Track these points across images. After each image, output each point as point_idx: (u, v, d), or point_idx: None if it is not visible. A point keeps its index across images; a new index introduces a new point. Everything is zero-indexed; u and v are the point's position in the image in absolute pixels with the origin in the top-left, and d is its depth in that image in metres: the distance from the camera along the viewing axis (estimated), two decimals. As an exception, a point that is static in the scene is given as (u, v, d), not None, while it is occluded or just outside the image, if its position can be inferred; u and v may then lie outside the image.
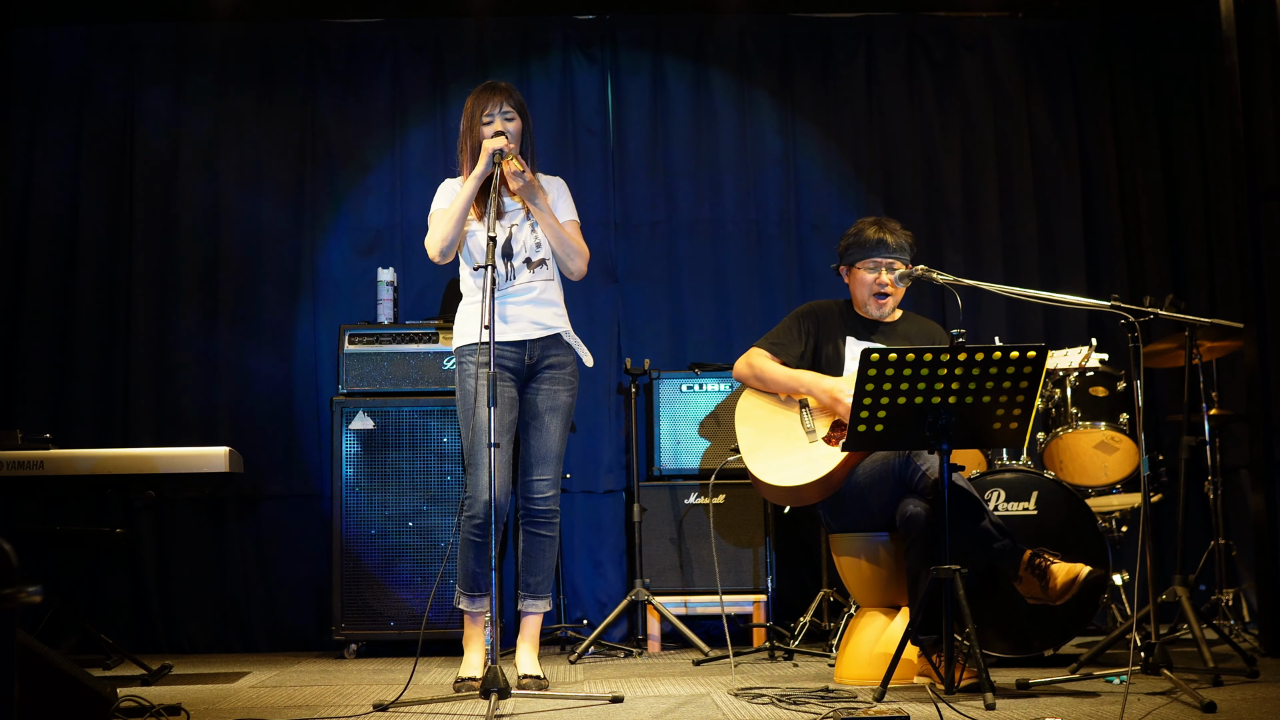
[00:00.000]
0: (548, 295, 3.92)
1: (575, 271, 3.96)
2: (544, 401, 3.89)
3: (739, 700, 3.49)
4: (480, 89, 3.93)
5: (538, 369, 3.90)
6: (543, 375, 3.91)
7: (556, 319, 3.93)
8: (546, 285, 3.92)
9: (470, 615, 3.89)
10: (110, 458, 4.10)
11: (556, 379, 3.91)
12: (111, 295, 5.59)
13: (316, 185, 5.73)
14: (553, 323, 3.92)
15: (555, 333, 3.92)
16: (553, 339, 3.92)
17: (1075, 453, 4.81)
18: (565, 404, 3.92)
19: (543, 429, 3.88)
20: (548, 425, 3.88)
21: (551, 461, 3.89)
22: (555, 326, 3.92)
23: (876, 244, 4.09)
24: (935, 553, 3.54)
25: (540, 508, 3.88)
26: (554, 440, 3.89)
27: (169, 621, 5.44)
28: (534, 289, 3.89)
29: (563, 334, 3.94)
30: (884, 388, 3.40)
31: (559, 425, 3.90)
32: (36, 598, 2.03)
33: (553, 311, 3.93)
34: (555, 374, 3.91)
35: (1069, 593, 3.63)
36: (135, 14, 5.72)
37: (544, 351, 3.90)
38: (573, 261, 3.93)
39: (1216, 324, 4.15)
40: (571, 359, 3.96)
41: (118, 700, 2.89)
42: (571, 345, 3.96)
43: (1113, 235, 5.88)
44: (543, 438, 3.88)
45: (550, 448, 3.88)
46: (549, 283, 3.93)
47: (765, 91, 5.88)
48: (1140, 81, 5.95)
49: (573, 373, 3.96)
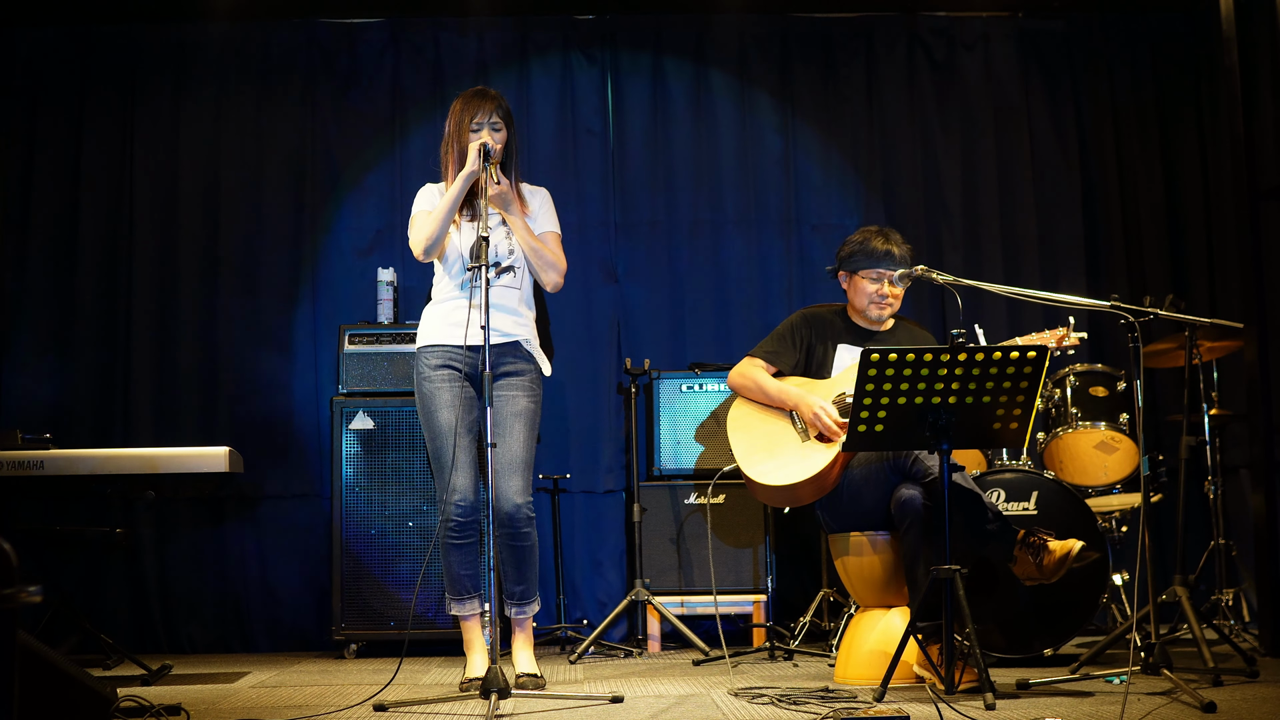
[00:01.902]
0: (514, 304, 3.86)
1: (549, 284, 3.90)
2: (504, 408, 3.80)
3: (739, 700, 3.49)
4: (469, 94, 3.89)
5: (493, 376, 3.81)
6: (500, 382, 3.81)
7: (517, 327, 3.86)
8: (511, 293, 3.86)
9: (465, 619, 3.88)
10: (110, 458, 4.10)
11: (514, 385, 3.83)
12: (111, 295, 5.59)
13: (316, 185, 5.73)
14: (512, 330, 3.85)
15: (514, 340, 3.85)
16: (510, 346, 3.84)
17: (1075, 453, 4.81)
18: (527, 409, 3.82)
19: (507, 435, 3.78)
20: (511, 431, 3.78)
21: (520, 468, 3.78)
22: (514, 334, 3.85)
23: (884, 255, 4.10)
24: (932, 538, 3.55)
25: (515, 515, 3.77)
26: (520, 446, 3.79)
27: (169, 621, 5.44)
28: (500, 295, 3.81)
29: (522, 342, 3.87)
30: (884, 388, 3.40)
31: (523, 431, 3.80)
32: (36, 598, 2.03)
33: (515, 320, 3.86)
34: (512, 380, 3.83)
35: (1064, 568, 3.66)
36: (135, 14, 5.72)
37: (499, 358, 3.81)
38: (547, 274, 3.88)
39: (1216, 324, 4.15)
40: (531, 367, 3.88)
41: (118, 700, 2.89)
42: (531, 353, 3.89)
43: (1113, 235, 5.88)
44: (508, 444, 3.78)
45: (517, 454, 3.78)
46: (514, 290, 3.87)
47: (765, 91, 5.87)
48: (1140, 81, 5.95)
49: (533, 380, 3.87)
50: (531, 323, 3.94)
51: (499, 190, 3.79)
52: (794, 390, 4.03)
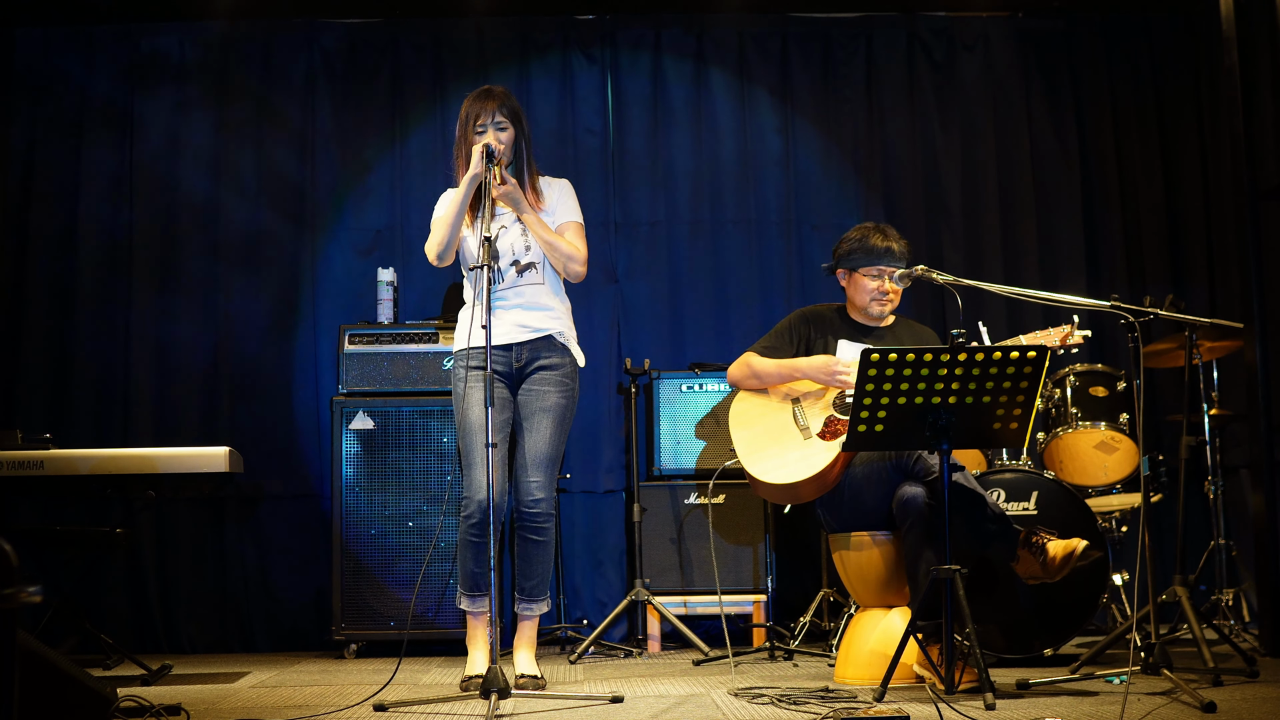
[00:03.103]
0: (537, 298, 3.89)
1: (571, 275, 3.92)
2: (534, 403, 3.84)
3: (739, 700, 3.49)
4: (475, 95, 3.89)
5: (527, 371, 3.88)
6: (532, 377, 3.87)
7: (549, 321, 3.89)
8: (535, 289, 3.89)
9: (473, 615, 3.89)
10: (110, 458, 4.10)
11: (546, 380, 3.86)
12: (111, 295, 5.59)
13: (316, 185, 5.73)
14: (542, 325, 3.88)
15: (545, 335, 3.88)
16: (543, 341, 3.88)
17: (1075, 453, 4.82)
18: (556, 405, 3.85)
19: (533, 430, 3.83)
20: (538, 426, 3.82)
21: (543, 464, 3.81)
22: (545, 329, 3.88)
23: (884, 252, 4.10)
24: (934, 536, 3.55)
25: (532, 510, 3.81)
26: (545, 443, 3.82)
27: (169, 621, 5.44)
28: (522, 293, 3.86)
29: (555, 335, 3.90)
30: (884, 388, 3.40)
31: (550, 427, 3.84)
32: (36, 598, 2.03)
33: (543, 314, 3.89)
34: (545, 375, 3.86)
35: (1066, 567, 3.66)
36: (135, 14, 5.72)
37: (532, 354, 3.86)
38: (567, 265, 3.90)
39: (1216, 324, 4.15)
40: (566, 360, 3.91)
41: (118, 700, 2.89)
42: (566, 346, 3.92)
43: (1113, 235, 5.88)
44: (533, 440, 3.82)
45: (541, 450, 3.81)
46: (538, 286, 3.89)
47: (765, 91, 5.88)
48: (1140, 81, 5.95)
49: (567, 375, 3.89)
50: (564, 315, 3.95)
51: (505, 190, 3.79)
52: (800, 359, 4.05)
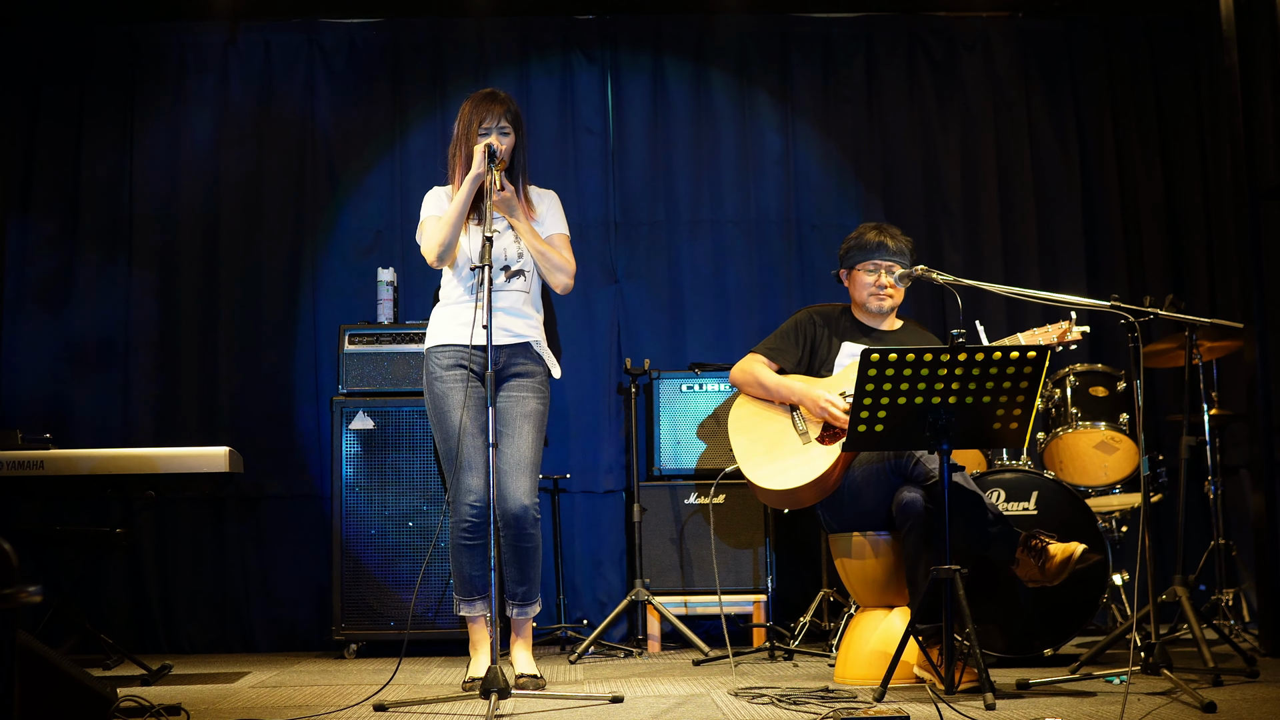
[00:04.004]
0: (522, 306, 3.89)
1: (559, 286, 3.92)
2: (514, 409, 3.82)
3: (739, 700, 3.49)
4: (479, 97, 3.88)
5: (504, 376, 3.85)
6: (509, 383, 3.84)
7: (528, 329, 3.89)
8: (520, 296, 3.89)
9: (472, 619, 3.88)
10: (110, 458, 4.09)
11: (524, 386, 3.85)
12: (110, 294, 5.59)
13: (316, 185, 5.73)
14: (523, 332, 3.87)
15: (524, 341, 3.88)
16: (521, 347, 3.87)
17: (1075, 453, 4.82)
18: (535, 410, 3.84)
19: (516, 436, 3.80)
20: (520, 432, 3.80)
21: (528, 468, 3.79)
22: (525, 336, 3.88)
23: (877, 247, 4.11)
24: (933, 540, 3.55)
25: (521, 517, 3.77)
26: (529, 447, 3.80)
27: (169, 621, 5.44)
28: (509, 298, 3.85)
29: (532, 344, 3.89)
30: (884, 388, 3.40)
31: (532, 432, 3.82)
32: (36, 598, 2.03)
33: (525, 322, 3.89)
34: (522, 381, 3.85)
35: (1065, 570, 3.67)
36: (135, 14, 5.72)
37: (510, 359, 3.85)
38: (556, 276, 3.90)
39: (1216, 324, 4.15)
40: (540, 369, 3.90)
41: (118, 700, 2.89)
42: (541, 355, 3.91)
43: (1113, 235, 5.88)
44: (517, 445, 3.79)
45: (524, 454, 3.79)
46: (524, 294, 3.90)
47: (765, 91, 5.88)
48: (1140, 81, 5.95)
49: (541, 382, 3.89)
50: (540, 324, 3.96)
51: (503, 196, 3.79)
52: (798, 384, 4.03)
